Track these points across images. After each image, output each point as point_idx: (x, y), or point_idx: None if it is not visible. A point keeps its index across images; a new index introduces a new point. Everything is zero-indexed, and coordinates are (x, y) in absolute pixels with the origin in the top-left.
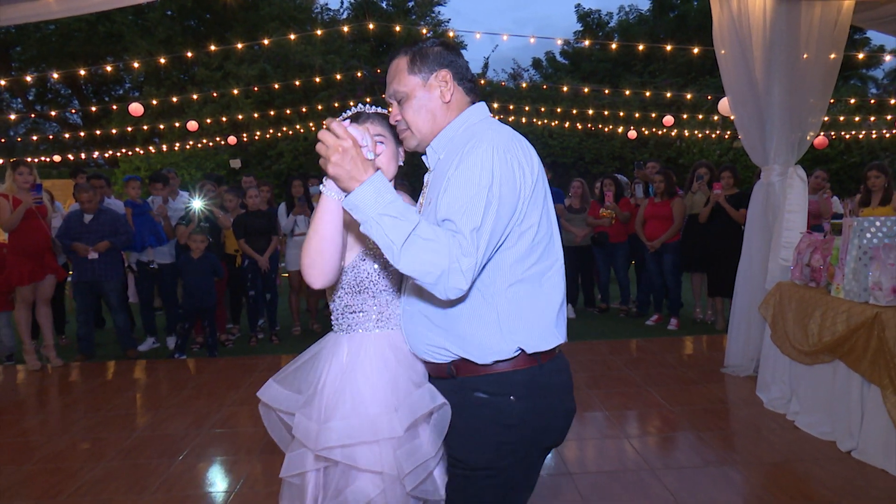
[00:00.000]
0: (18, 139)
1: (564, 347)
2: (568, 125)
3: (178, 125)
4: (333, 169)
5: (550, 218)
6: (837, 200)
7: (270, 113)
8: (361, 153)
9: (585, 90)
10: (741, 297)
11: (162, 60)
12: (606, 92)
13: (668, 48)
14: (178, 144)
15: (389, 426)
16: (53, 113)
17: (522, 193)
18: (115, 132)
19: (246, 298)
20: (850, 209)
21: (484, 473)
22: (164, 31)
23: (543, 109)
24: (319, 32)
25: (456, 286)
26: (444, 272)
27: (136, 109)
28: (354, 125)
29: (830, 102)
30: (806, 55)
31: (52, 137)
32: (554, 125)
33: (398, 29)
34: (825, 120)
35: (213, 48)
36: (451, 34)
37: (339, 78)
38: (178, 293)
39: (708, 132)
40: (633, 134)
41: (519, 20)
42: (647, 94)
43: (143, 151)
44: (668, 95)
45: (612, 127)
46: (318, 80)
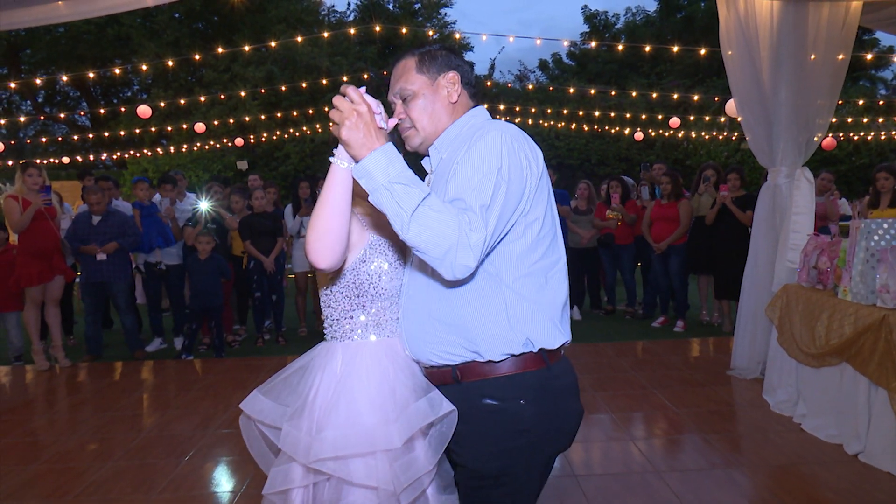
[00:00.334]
0: (28, 141)
1: (570, 348)
2: (574, 127)
3: (185, 127)
4: (347, 133)
5: (554, 216)
6: (846, 202)
7: (277, 115)
8: (375, 121)
9: (592, 92)
10: (748, 299)
11: (170, 63)
12: (613, 93)
13: (674, 49)
14: (185, 146)
15: (386, 437)
16: (62, 115)
17: (529, 183)
18: (123, 134)
19: (252, 300)
20: (858, 211)
21: (496, 482)
22: (171, 33)
23: (550, 111)
24: (326, 34)
25: (463, 263)
26: (452, 246)
27: (144, 111)
28: (368, 94)
29: (839, 103)
30: (813, 56)
31: (60, 139)
32: (560, 127)
33: (405, 31)
34: (833, 121)
35: (220, 50)
36: (457, 36)
37: (345, 80)
38: (185, 294)
39: (715, 133)
40: (639, 135)
41: (525, 21)
42: (653, 95)
43: (150, 153)
44: (674, 97)
45: (618, 128)
46: (325, 81)
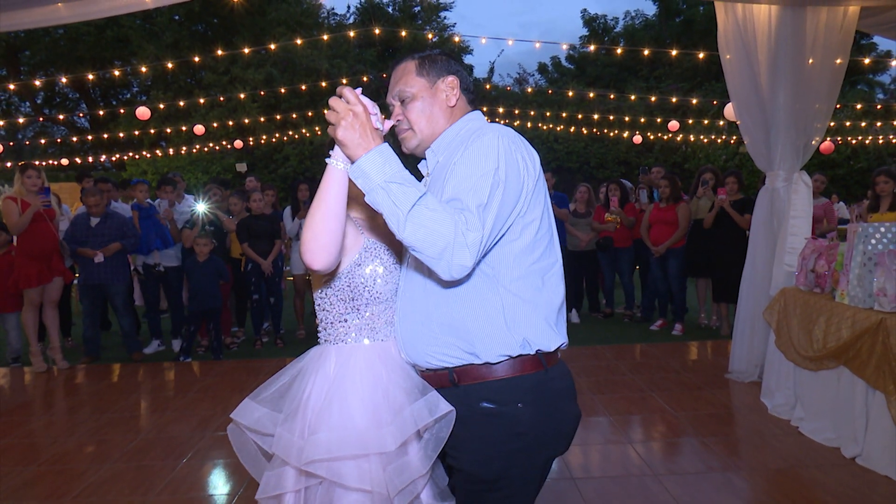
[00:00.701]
0: (27, 142)
1: (569, 351)
2: (573, 130)
3: (184, 129)
4: (343, 133)
5: (551, 218)
6: (844, 206)
7: (277, 117)
8: (371, 121)
9: (591, 95)
10: (746, 302)
11: (169, 65)
12: (612, 97)
13: (673, 53)
14: (184, 148)
15: (379, 440)
16: (61, 116)
17: (526, 185)
18: (122, 136)
19: (250, 302)
20: (857, 214)
21: (494, 485)
22: (171, 35)
23: (549, 114)
24: (326, 37)
25: (460, 262)
26: (448, 244)
27: (143, 113)
28: (364, 95)
29: (837, 107)
30: (811, 60)
31: (59, 141)
32: (559, 130)
33: (404, 34)
34: (831, 125)
35: (220, 52)
36: (456, 39)
37: (345, 82)
38: (183, 296)
39: (713, 137)
40: (638, 139)
41: (524, 24)
42: (652, 99)
43: (149, 155)
44: (673, 100)
45: (617, 132)
46: (324, 84)
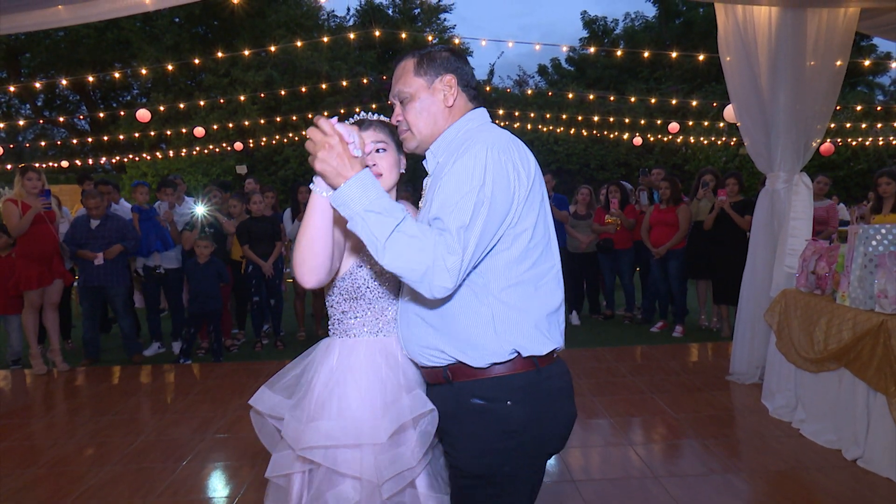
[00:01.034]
0: (27, 144)
1: (569, 353)
2: (573, 132)
3: (185, 131)
4: (320, 165)
5: (547, 223)
6: (844, 207)
7: (277, 119)
8: (348, 150)
9: (591, 97)
10: (746, 304)
11: (169, 67)
12: (612, 98)
13: (673, 55)
14: (184, 150)
15: (373, 431)
16: (62, 119)
17: (517, 196)
18: (122, 138)
19: (251, 304)
20: (857, 216)
21: (482, 481)
22: (171, 37)
23: (549, 116)
24: (326, 39)
25: (441, 284)
26: (428, 269)
27: (143, 115)
28: (342, 123)
29: (837, 109)
30: (811, 62)
31: (60, 143)
32: (559, 132)
33: (404, 36)
34: (831, 127)
35: (220, 55)
36: (456, 41)
37: (345, 84)
38: (183, 298)
39: (713, 139)
40: (638, 140)
41: (524, 26)
42: (652, 100)
43: (149, 157)
44: (673, 102)
45: (617, 133)
46: (324, 86)
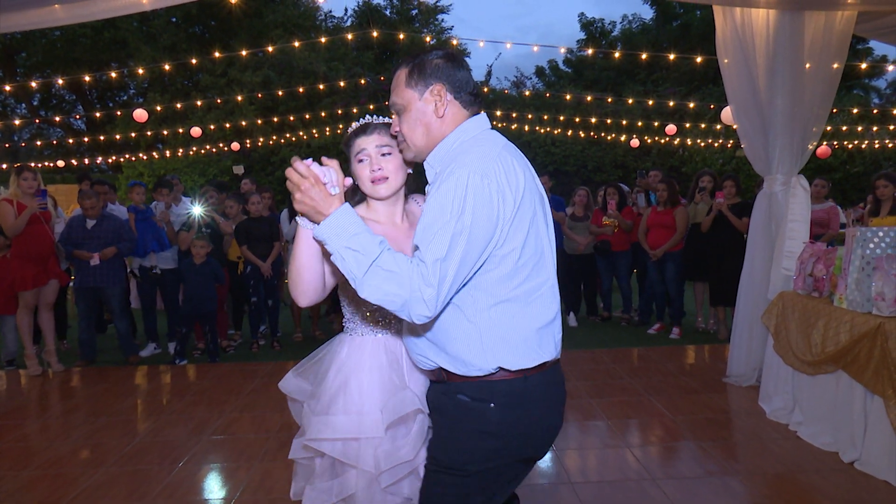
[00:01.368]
0: (23, 144)
1: (566, 355)
2: (571, 133)
3: (181, 131)
4: (298, 205)
5: (539, 237)
6: (840, 210)
7: (274, 119)
8: (325, 189)
9: (588, 98)
10: (743, 306)
11: (166, 67)
12: (609, 100)
13: (671, 57)
14: (181, 150)
15: (373, 426)
16: (58, 118)
17: (501, 219)
18: (118, 138)
19: (248, 305)
20: (853, 218)
21: (451, 473)
22: (168, 37)
23: (546, 117)
24: (324, 40)
25: (420, 314)
26: (405, 301)
27: (140, 115)
28: (317, 164)
29: (833, 112)
30: (808, 65)
31: (56, 143)
32: (556, 133)
33: (402, 37)
34: (828, 129)
35: (217, 55)
36: (454, 42)
37: (342, 85)
38: (180, 299)
39: (710, 141)
40: (635, 142)
41: (522, 28)
42: (650, 102)
43: (146, 157)
44: (671, 104)
45: (614, 135)
46: (321, 87)
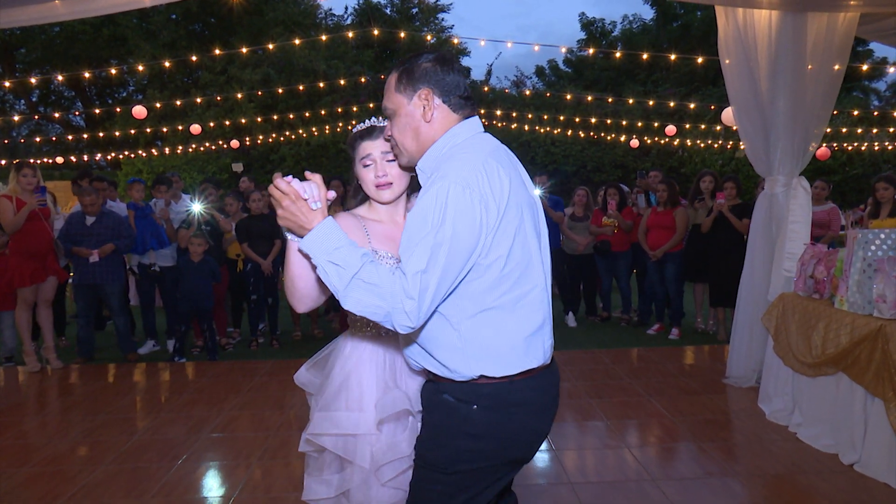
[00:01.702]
0: (22, 140)
1: (565, 355)
2: (570, 133)
3: (181, 128)
4: (281, 220)
5: (526, 244)
6: (839, 212)
7: (273, 117)
8: (306, 205)
9: (589, 98)
10: (744, 307)
11: (166, 64)
12: (610, 100)
13: (672, 58)
14: (180, 147)
15: (369, 423)
16: (57, 115)
17: (484, 228)
18: (118, 134)
19: (247, 302)
20: (852, 221)
21: (435, 471)
22: (168, 34)
23: (546, 117)
24: (325, 38)
25: (403, 324)
26: (387, 313)
27: (139, 112)
28: (297, 180)
29: (833, 114)
30: (810, 66)
31: (55, 139)
32: (556, 133)
33: (403, 35)
34: (827, 131)
35: (217, 52)
36: (455, 41)
37: (342, 83)
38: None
39: (710, 142)
40: (635, 143)
41: (522, 27)
42: (650, 103)
43: (145, 154)
44: (671, 105)
45: (614, 136)
46: (321, 85)
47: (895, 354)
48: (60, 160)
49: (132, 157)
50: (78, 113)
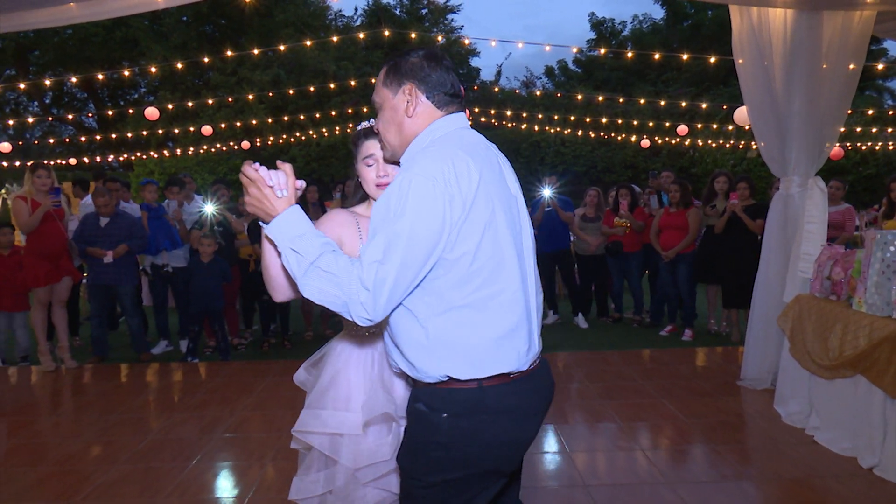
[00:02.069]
0: (35, 142)
1: (577, 356)
2: (581, 133)
3: (192, 129)
4: (249, 207)
5: (498, 242)
6: (854, 212)
7: (284, 118)
8: (272, 192)
9: (600, 98)
10: (758, 309)
11: (178, 65)
12: (621, 101)
13: (684, 57)
14: (192, 148)
15: (355, 423)
16: (70, 116)
17: (448, 222)
18: (130, 136)
19: (259, 303)
20: (865, 221)
21: (414, 481)
22: (179, 36)
23: (556, 118)
24: (336, 39)
25: (360, 316)
26: (344, 303)
27: (152, 114)
28: (265, 168)
29: (847, 113)
30: (826, 65)
31: (68, 140)
32: (566, 133)
33: (413, 36)
34: (841, 131)
35: (228, 53)
36: (466, 42)
37: (352, 84)
38: None
39: (722, 142)
40: (646, 143)
41: (530, 27)
42: (662, 103)
43: (157, 155)
44: (683, 105)
45: (624, 136)
46: (332, 86)
47: None
48: (73, 161)
49: (144, 158)
50: (91, 114)
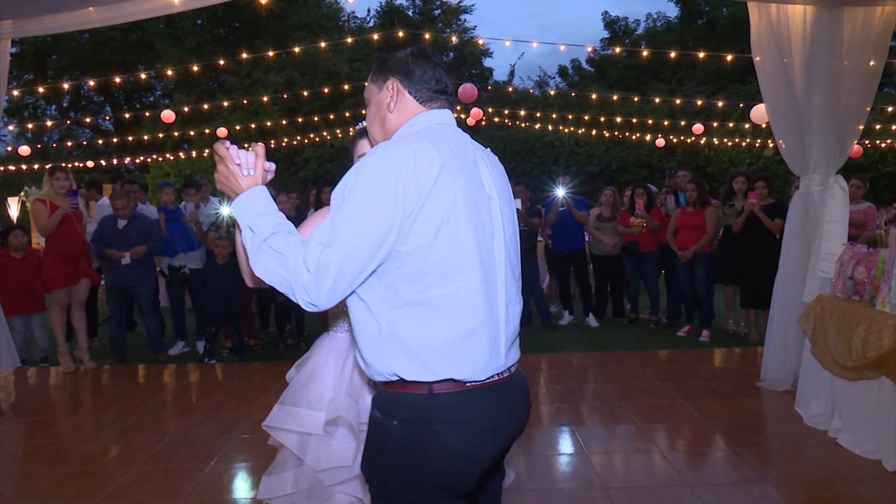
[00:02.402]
0: (53, 145)
1: (594, 357)
2: (595, 133)
3: (207, 131)
4: (217, 184)
5: (458, 239)
6: (876, 210)
7: (298, 120)
8: (238, 170)
9: (615, 98)
10: (778, 309)
11: (193, 68)
12: (636, 99)
13: (700, 55)
14: (207, 150)
15: (314, 422)
16: (87, 119)
17: (400, 212)
18: (146, 138)
19: (275, 304)
20: (885, 219)
21: (373, 489)
22: (194, 39)
23: (570, 117)
24: (349, 40)
25: (303, 299)
26: (288, 284)
27: (168, 116)
28: (235, 147)
29: (867, 111)
30: (846, 62)
31: (85, 143)
32: (581, 133)
33: (427, 37)
34: (860, 128)
35: (242, 56)
36: (480, 42)
37: (366, 85)
38: None
39: (738, 140)
40: (660, 142)
41: (543, 26)
42: (677, 101)
43: (172, 157)
44: (698, 103)
45: (639, 135)
46: (346, 87)
47: None
48: (90, 164)
49: (160, 160)
50: (107, 117)
